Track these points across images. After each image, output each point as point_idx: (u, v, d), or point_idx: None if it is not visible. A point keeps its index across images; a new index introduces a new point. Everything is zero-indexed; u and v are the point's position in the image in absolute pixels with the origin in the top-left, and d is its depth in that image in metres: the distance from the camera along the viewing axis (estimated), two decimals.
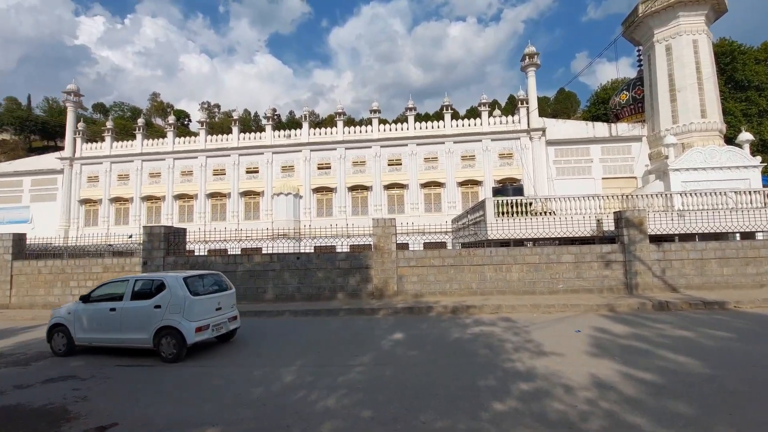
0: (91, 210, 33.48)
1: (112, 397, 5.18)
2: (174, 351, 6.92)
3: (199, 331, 7.07)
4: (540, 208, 15.18)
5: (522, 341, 7.24)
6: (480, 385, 5.01)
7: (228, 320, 7.86)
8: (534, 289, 12.18)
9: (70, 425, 4.37)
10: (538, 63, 29.97)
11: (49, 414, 4.73)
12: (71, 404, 4.99)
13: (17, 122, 55.42)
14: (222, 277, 8.62)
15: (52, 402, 5.10)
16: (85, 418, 4.53)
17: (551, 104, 69.82)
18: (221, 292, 8.00)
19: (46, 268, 14.14)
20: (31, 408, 4.95)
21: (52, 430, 4.26)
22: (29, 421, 4.54)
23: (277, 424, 4.12)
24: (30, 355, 7.80)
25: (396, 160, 30.62)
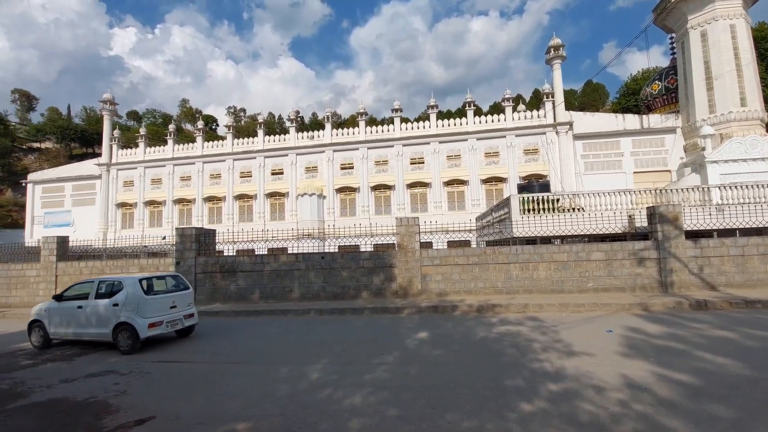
0: (127, 213, 35.05)
1: (149, 392, 5.42)
2: (129, 343, 7.75)
3: (152, 327, 7.90)
4: (568, 204, 14.77)
5: (550, 341, 7.08)
6: (507, 385, 4.94)
7: (183, 317, 8.68)
8: (562, 288, 11.87)
9: (111, 418, 4.60)
10: (563, 55, 29.14)
11: (92, 407, 5.01)
12: (112, 398, 5.26)
13: (59, 131, 58.72)
14: (181, 278, 9.47)
15: (94, 395, 5.39)
16: (125, 411, 4.76)
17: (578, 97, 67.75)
18: (177, 292, 8.83)
19: (87, 268, 14.92)
20: (75, 401, 5.25)
21: (95, 422, 4.50)
22: (75, 413, 4.82)
23: (303, 421, 4.20)
24: (73, 351, 8.27)
25: (418, 159, 30.50)
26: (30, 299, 15.14)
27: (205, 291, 13.73)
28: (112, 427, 4.35)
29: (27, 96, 71.01)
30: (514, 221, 13.83)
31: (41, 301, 14.99)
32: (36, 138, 60.90)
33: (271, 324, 10.22)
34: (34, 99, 72.03)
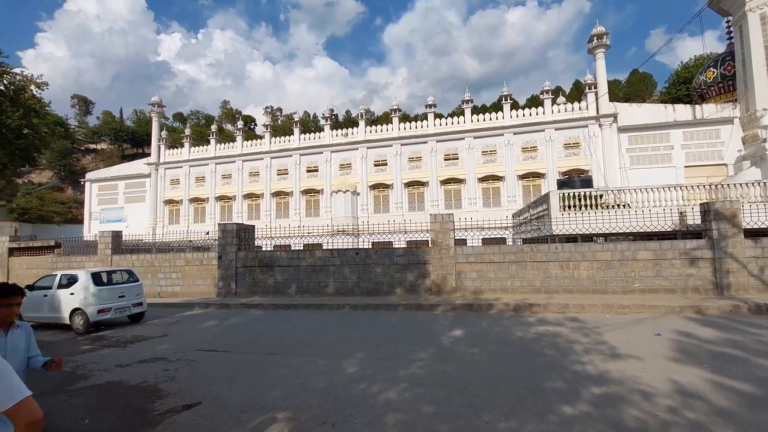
0: (173, 209, 37.03)
1: (195, 379, 5.71)
2: (81, 326, 9.50)
3: (101, 313, 9.62)
4: (612, 200, 14.06)
5: (593, 343, 6.79)
6: (547, 386, 4.79)
7: (132, 305, 10.47)
8: (605, 288, 11.34)
9: (161, 402, 4.90)
10: (607, 43, 27.68)
11: (144, 390, 5.35)
12: (162, 383, 5.59)
13: (112, 133, 62.91)
14: (133, 272, 11.37)
15: (146, 380, 5.75)
16: (174, 396, 5.05)
17: (623, 88, 64.26)
18: (127, 284, 10.70)
19: (138, 261, 15.92)
20: (129, 384, 5.63)
21: (147, 405, 4.81)
22: (129, 396, 5.17)
23: (340, 413, 4.28)
24: (126, 338, 8.85)
25: (452, 155, 30.08)
26: None
27: (245, 284, 14.27)
28: (162, 410, 4.63)
29: (84, 101, 76.52)
30: (554, 218, 13.34)
31: None
32: (92, 140, 65.56)
33: (308, 318, 10.48)
34: (91, 103, 77.53)
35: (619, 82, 65.91)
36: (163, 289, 15.32)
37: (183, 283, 15.16)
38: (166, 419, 4.36)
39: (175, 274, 15.29)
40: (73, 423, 4.42)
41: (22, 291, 2.70)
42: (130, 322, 10.67)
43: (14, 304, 2.64)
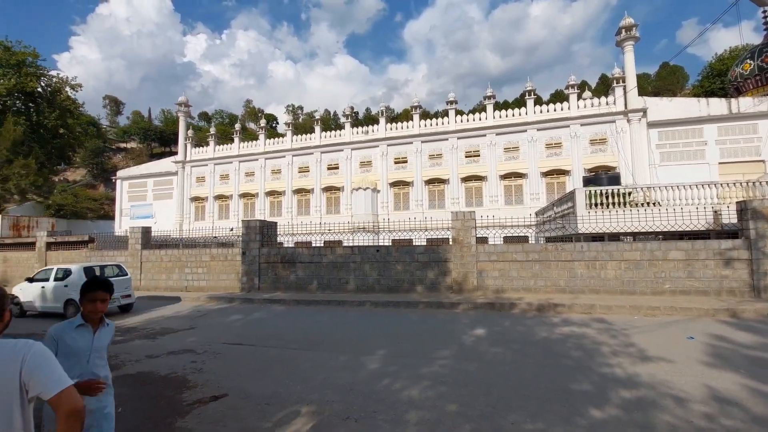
0: (199, 206, 38.04)
1: (221, 371, 5.86)
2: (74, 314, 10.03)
3: None
4: (642, 198, 13.58)
5: (621, 345, 6.59)
6: (573, 389, 4.69)
7: (120, 297, 11.43)
8: (634, 289, 10.99)
9: (190, 392, 5.05)
10: (636, 36, 26.67)
11: (173, 381, 5.53)
12: (190, 374, 5.77)
13: (141, 132, 65.10)
14: (123, 268, 12.61)
15: (175, 371, 5.95)
16: (202, 387, 5.20)
17: (652, 81, 61.90)
18: (117, 277, 11.66)
19: (166, 256, 16.44)
20: (159, 375, 5.83)
21: (176, 396, 4.97)
22: (159, 386, 5.36)
23: (363, 408, 4.31)
24: (156, 330, 9.16)
25: (474, 152, 29.69)
26: None
27: (268, 280, 14.53)
28: (191, 400, 4.78)
29: (115, 101, 79.39)
30: (579, 216, 12.99)
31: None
32: (123, 139, 67.97)
33: (329, 314, 10.59)
34: (121, 104, 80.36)
35: (648, 76, 63.50)
36: (189, 283, 15.78)
37: (208, 278, 15.56)
38: (194, 409, 4.50)
39: (201, 269, 15.72)
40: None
41: (111, 287, 2.61)
42: (120, 312, 11.75)
43: (99, 299, 2.52)
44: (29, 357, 1.50)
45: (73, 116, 38.85)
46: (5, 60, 33.37)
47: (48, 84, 37.20)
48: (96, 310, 2.53)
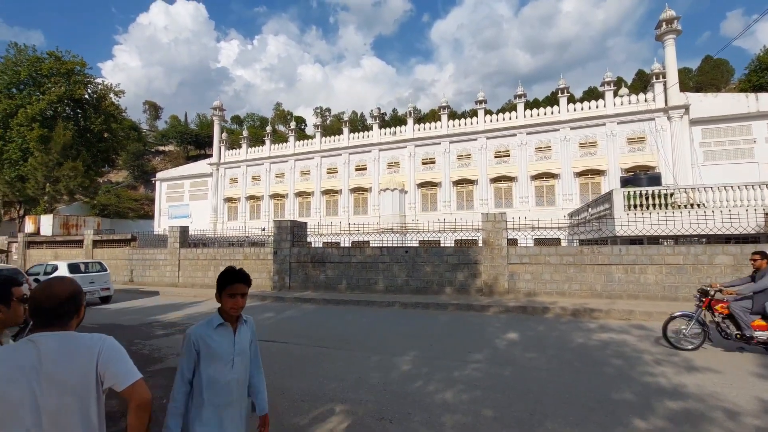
0: (232, 207, 39.29)
1: None
2: None
3: None
4: (685, 199, 12.91)
5: (664, 353, 6.30)
6: (615, 398, 4.52)
7: (100, 290, 12.93)
8: (676, 295, 10.46)
9: None
10: (678, 29, 25.36)
11: None
12: None
13: (178, 136, 67.99)
14: (103, 264, 14.04)
15: None
16: None
17: (694, 76, 58.81)
18: (98, 273, 13.24)
19: (202, 254, 17.08)
20: None
21: None
22: None
23: (397, 410, 4.33)
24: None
25: (503, 152, 29.13)
26: (159, 279, 17.85)
27: (298, 279, 14.83)
28: None
29: (154, 106, 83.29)
30: (617, 218, 12.50)
31: (168, 281, 17.58)
32: (161, 142, 71.23)
33: (358, 314, 10.68)
34: (160, 108, 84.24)
35: (689, 71, 60.33)
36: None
37: None
38: None
39: None
40: (153, 402, 4.84)
41: (250, 279, 2.26)
42: (101, 303, 13.26)
43: (240, 293, 2.18)
44: (104, 350, 1.60)
45: (116, 121, 41.07)
46: (56, 69, 35.70)
47: (94, 91, 39.52)
48: (237, 306, 2.19)
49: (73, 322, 1.68)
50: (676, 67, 25.30)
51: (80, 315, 1.72)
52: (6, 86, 35.06)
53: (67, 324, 1.65)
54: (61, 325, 1.63)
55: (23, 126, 32.63)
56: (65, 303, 1.64)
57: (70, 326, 1.66)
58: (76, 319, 1.70)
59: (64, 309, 1.63)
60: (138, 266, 18.68)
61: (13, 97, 34.83)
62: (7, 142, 33.60)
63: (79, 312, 1.71)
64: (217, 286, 2.22)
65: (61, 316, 1.63)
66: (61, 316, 1.63)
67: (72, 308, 1.67)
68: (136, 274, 18.62)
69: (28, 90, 35.66)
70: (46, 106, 34.16)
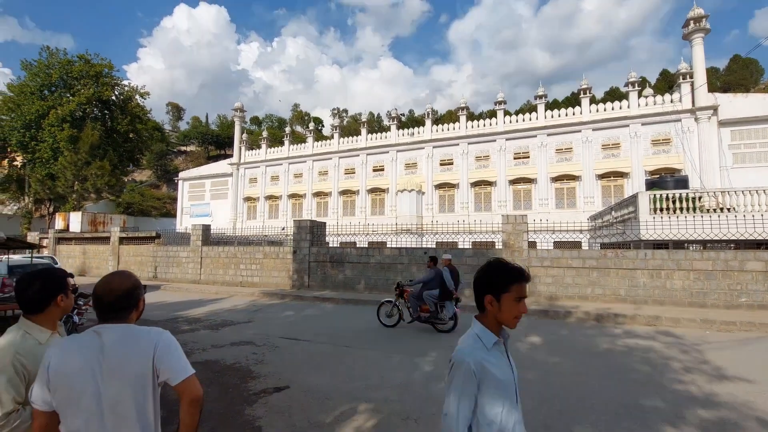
0: (251, 206, 39.95)
1: (281, 364, 6.14)
2: None
3: None
4: (714, 203, 12.52)
5: (693, 361, 6.14)
6: (645, 404, 4.44)
7: None
8: (704, 301, 10.15)
9: (255, 383, 5.34)
10: (706, 27, 24.57)
11: (238, 371, 5.87)
12: (253, 365, 6.10)
13: (200, 136, 69.56)
14: (55, 259, 14.97)
15: (239, 361, 6.31)
16: (265, 378, 5.49)
17: (721, 76, 56.93)
18: None
19: (223, 252, 17.44)
20: (225, 364, 6.21)
21: (242, 385, 5.28)
22: (226, 375, 5.71)
23: (422, 410, 4.35)
24: (217, 322, 9.74)
25: (523, 153, 28.77)
26: (182, 276, 18.30)
27: (317, 278, 14.98)
28: (256, 390, 5.05)
29: (177, 108, 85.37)
30: (642, 221, 12.20)
31: (191, 278, 17.99)
32: (183, 142, 72.98)
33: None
34: (182, 110, 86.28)
35: (716, 70, 58.40)
36: (244, 279, 16.63)
37: (261, 275, 16.31)
38: (260, 399, 4.76)
39: (255, 266, 16.51)
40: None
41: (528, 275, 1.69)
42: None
43: (525, 296, 1.65)
44: (161, 344, 1.67)
45: (141, 122, 42.29)
46: (86, 71, 37.00)
47: (121, 92, 40.79)
48: (522, 313, 1.63)
49: (132, 315, 1.74)
50: (704, 67, 24.52)
51: (139, 308, 1.78)
52: (39, 88, 36.53)
53: (126, 317, 1.71)
54: (120, 318, 1.69)
55: (54, 126, 33.93)
56: (123, 297, 1.69)
57: (130, 319, 1.73)
58: (136, 312, 1.76)
59: (123, 303, 1.69)
60: (162, 263, 19.19)
61: (46, 99, 36.25)
62: (39, 142, 34.99)
63: (137, 305, 1.76)
64: (489, 286, 1.63)
65: (120, 309, 1.69)
66: (120, 310, 1.69)
67: (131, 302, 1.72)
68: (160, 271, 19.14)
69: (59, 92, 37.06)
70: (75, 107, 35.44)
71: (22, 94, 36.00)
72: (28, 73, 36.83)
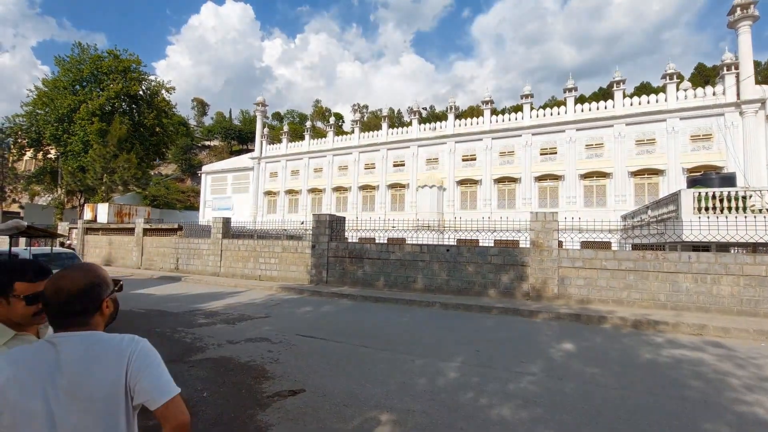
0: (271, 200, 40.19)
1: (297, 364, 5.81)
2: None
3: None
4: (766, 203, 11.49)
5: (753, 378, 5.46)
6: (707, 429, 3.87)
7: None
8: (756, 310, 9.28)
9: (269, 384, 5.02)
10: (755, 14, 22.89)
11: (253, 370, 5.57)
12: (268, 364, 5.79)
13: (223, 131, 70.67)
14: (76, 256, 13.50)
15: (254, 359, 6.02)
16: (280, 380, 5.16)
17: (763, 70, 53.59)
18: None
19: (243, 246, 17.38)
20: (240, 362, 5.93)
21: (256, 386, 4.97)
22: (240, 374, 5.42)
23: (450, 424, 3.91)
24: (235, 316, 9.55)
25: (550, 149, 27.69)
26: (203, 268, 18.38)
27: (335, 274, 14.69)
28: (270, 393, 4.73)
29: (202, 103, 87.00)
30: (686, 221, 11.31)
31: (211, 270, 18.04)
32: (207, 137, 74.30)
33: (397, 312, 10.32)
34: (207, 105, 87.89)
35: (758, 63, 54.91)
36: (263, 272, 16.52)
37: (279, 269, 16.16)
38: (274, 403, 4.43)
39: (273, 260, 16.37)
40: (194, 393, 4.71)
41: None
42: None
43: None
44: (136, 356, 1.30)
45: (167, 116, 43.13)
46: (114, 66, 37.91)
47: (148, 87, 41.68)
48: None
49: (95, 319, 1.37)
50: (751, 58, 22.89)
51: (105, 311, 1.40)
52: (71, 83, 37.69)
53: (87, 323, 1.34)
54: (79, 323, 1.32)
55: (84, 120, 34.93)
56: (77, 298, 1.31)
57: (93, 325, 1.36)
58: (100, 316, 1.38)
59: (76, 306, 1.32)
60: (183, 254, 19.35)
61: (77, 93, 37.38)
62: (71, 135, 36.12)
63: (100, 308, 1.38)
64: None
65: (75, 313, 1.32)
66: (75, 314, 1.32)
67: (88, 304, 1.34)
68: (182, 262, 19.30)
69: (89, 86, 38.14)
70: (105, 101, 36.39)
71: (55, 89, 37.23)
72: (61, 69, 38.06)
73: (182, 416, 1.27)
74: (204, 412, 4.25)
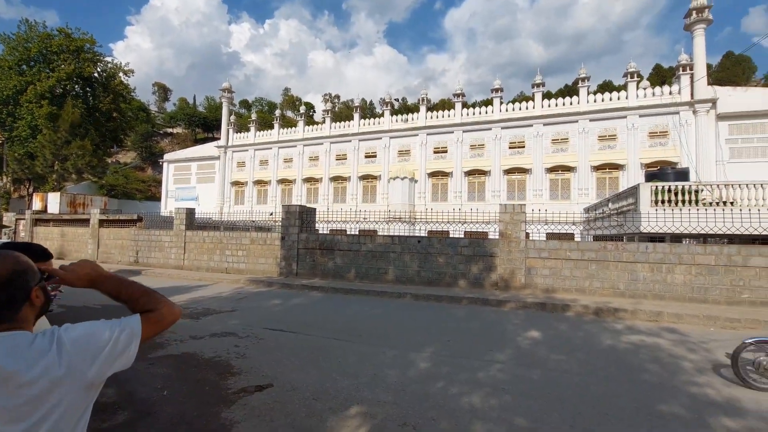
0: (239, 191, 38.98)
1: (265, 358, 5.63)
2: None
3: None
4: (716, 196, 12.23)
5: (704, 361, 5.80)
6: (663, 410, 4.04)
7: None
8: (705, 297, 9.89)
9: (234, 380, 4.83)
10: (709, 18, 24.20)
11: (217, 366, 5.34)
12: (233, 359, 5.58)
13: (186, 118, 67.63)
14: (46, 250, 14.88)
15: (219, 355, 5.78)
16: (246, 375, 4.97)
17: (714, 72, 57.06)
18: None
19: (208, 237, 16.74)
20: (203, 358, 5.68)
21: (221, 382, 4.76)
22: (204, 370, 5.19)
23: (421, 414, 3.89)
24: (199, 310, 9.17)
25: (518, 143, 28.34)
26: (164, 261, 17.58)
27: (306, 266, 14.44)
28: (235, 389, 4.54)
29: (164, 88, 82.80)
30: (644, 214, 11.87)
31: (173, 263, 17.30)
32: (169, 124, 70.92)
33: (369, 304, 10.26)
34: (169, 90, 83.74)
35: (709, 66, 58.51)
36: (230, 265, 16.01)
37: (247, 261, 15.71)
38: (240, 399, 4.26)
39: (241, 252, 15.89)
40: (153, 392, 4.46)
41: None
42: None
43: None
44: (72, 339, 1.11)
45: (125, 101, 40.72)
46: (66, 46, 35.27)
47: (103, 69, 39.11)
48: None
49: (23, 313, 1.17)
50: (705, 60, 24.22)
51: (35, 302, 1.19)
52: (17, 63, 34.76)
53: (12, 318, 1.14)
54: (2, 320, 1.12)
55: (32, 103, 32.39)
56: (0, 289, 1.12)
57: (19, 320, 1.16)
58: (29, 308, 1.18)
59: (1, 297, 1.12)
60: (143, 247, 18.43)
61: (24, 74, 34.55)
62: (17, 119, 33.43)
63: (29, 298, 1.17)
64: None
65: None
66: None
67: (11, 297, 1.14)
68: (141, 255, 18.38)
69: (38, 67, 35.34)
70: (55, 83, 33.84)
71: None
72: (5, 47, 35.02)
73: (168, 318, 1.33)
74: (164, 411, 4.03)
